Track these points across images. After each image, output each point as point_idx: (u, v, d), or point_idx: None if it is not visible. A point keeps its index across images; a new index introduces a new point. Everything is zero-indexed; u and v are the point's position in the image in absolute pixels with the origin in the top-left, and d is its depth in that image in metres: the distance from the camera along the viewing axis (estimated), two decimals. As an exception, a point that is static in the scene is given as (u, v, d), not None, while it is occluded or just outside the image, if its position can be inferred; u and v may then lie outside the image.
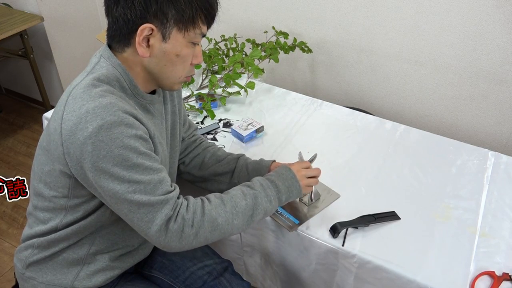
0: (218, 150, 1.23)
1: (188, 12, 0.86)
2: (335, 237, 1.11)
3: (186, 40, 0.89)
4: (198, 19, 0.88)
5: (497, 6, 1.43)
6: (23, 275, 1.03)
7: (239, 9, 1.97)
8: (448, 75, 1.65)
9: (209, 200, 0.94)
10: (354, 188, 1.25)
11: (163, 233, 0.86)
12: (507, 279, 1.01)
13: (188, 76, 0.98)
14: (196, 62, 0.96)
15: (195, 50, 0.94)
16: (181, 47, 0.90)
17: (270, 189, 1.01)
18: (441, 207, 1.19)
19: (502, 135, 1.68)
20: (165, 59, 0.91)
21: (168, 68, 0.92)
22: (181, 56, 0.91)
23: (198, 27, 0.89)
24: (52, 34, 2.44)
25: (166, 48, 0.89)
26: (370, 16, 1.67)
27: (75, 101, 0.84)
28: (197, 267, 1.16)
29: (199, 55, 0.96)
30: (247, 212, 0.96)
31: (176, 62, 0.92)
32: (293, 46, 1.80)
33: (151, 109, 0.98)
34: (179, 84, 0.98)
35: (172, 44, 0.88)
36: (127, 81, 0.91)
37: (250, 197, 0.97)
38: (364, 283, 1.12)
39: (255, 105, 1.61)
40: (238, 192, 0.98)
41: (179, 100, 1.15)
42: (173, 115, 1.11)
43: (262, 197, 0.99)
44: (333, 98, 1.98)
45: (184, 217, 0.87)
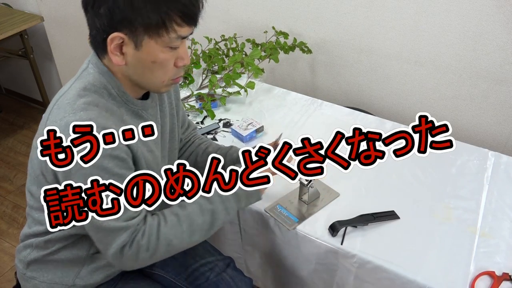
0: (209, 146, 1.21)
1: (156, 17, 0.81)
2: (334, 236, 1.11)
3: (161, 46, 0.85)
4: (172, 22, 0.83)
5: (497, 6, 1.43)
6: (25, 275, 1.04)
7: (239, 9, 1.97)
8: (448, 75, 1.65)
9: (166, 219, 0.92)
10: (353, 187, 1.25)
11: (119, 256, 0.87)
12: (507, 279, 1.01)
13: (176, 78, 0.94)
14: (181, 64, 0.91)
15: (178, 52, 0.89)
16: (157, 54, 0.85)
17: (230, 201, 0.99)
18: (441, 207, 1.19)
19: (502, 135, 1.68)
20: (142, 67, 0.87)
21: (147, 75, 0.89)
22: (159, 62, 0.87)
23: (173, 30, 0.84)
24: (52, 34, 2.44)
25: (141, 56, 0.85)
26: (370, 16, 1.67)
27: (58, 111, 0.84)
28: (199, 264, 1.16)
29: (184, 56, 0.91)
30: (205, 227, 0.96)
31: (154, 69, 0.88)
32: (293, 46, 1.80)
33: (144, 115, 0.97)
34: (166, 87, 0.94)
35: (146, 52, 0.84)
36: (115, 88, 0.90)
37: (208, 213, 0.96)
38: (364, 283, 1.12)
39: (255, 105, 1.61)
40: (196, 208, 0.96)
41: (177, 102, 1.14)
42: (172, 118, 1.10)
43: (221, 211, 0.97)
44: (333, 98, 1.98)
45: (139, 243, 0.88)
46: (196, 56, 1.72)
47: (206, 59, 1.70)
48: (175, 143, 1.12)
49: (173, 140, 1.12)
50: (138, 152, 0.90)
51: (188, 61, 0.92)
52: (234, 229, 1.32)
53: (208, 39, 1.76)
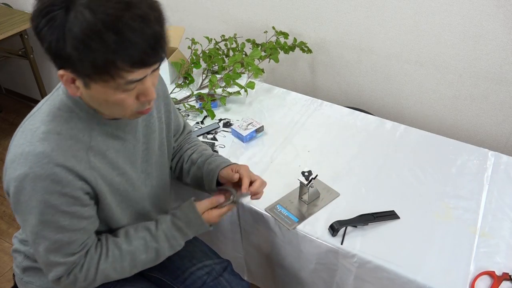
0: (195, 151, 1.19)
1: (94, 66, 0.71)
2: (334, 236, 1.11)
3: (111, 89, 0.76)
4: (118, 70, 0.72)
5: (497, 6, 1.43)
6: (22, 280, 1.07)
7: (239, 9, 1.97)
8: (448, 75, 1.65)
9: (108, 253, 0.93)
10: (354, 187, 1.25)
11: (56, 283, 0.90)
12: (507, 279, 1.01)
13: (144, 109, 0.85)
14: (144, 99, 0.82)
15: (138, 90, 0.79)
16: (107, 95, 0.78)
17: (176, 239, 1.00)
18: (441, 207, 1.19)
19: (502, 135, 1.68)
20: (97, 102, 0.82)
21: (104, 109, 0.84)
22: (112, 101, 0.79)
23: (120, 77, 0.73)
24: (52, 34, 2.44)
25: (92, 94, 0.79)
26: (370, 16, 1.67)
27: (21, 135, 0.84)
28: (196, 267, 1.16)
29: (148, 92, 0.80)
30: (148, 263, 0.99)
31: (110, 106, 0.81)
32: (293, 46, 1.80)
33: (120, 134, 0.92)
34: (132, 117, 0.87)
35: (96, 92, 0.77)
36: (83, 111, 0.85)
37: (152, 250, 0.98)
38: (364, 282, 1.12)
39: (255, 105, 1.61)
40: (141, 244, 0.96)
41: (168, 114, 1.09)
42: (161, 132, 1.06)
43: (165, 248, 0.99)
44: (333, 98, 1.98)
45: (76, 275, 0.89)
46: (196, 56, 1.72)
47: (206, 59, 1.70)
48: (164, 158, 1.09)
49: (163, 155, 1.09)
50: (99, 184, 0.87)
51: (152, 96, 0.82)
52: (234, 229, 1.31)
53: (208, 39, 1.76)
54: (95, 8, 0.68)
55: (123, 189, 0.95)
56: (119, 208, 0.97)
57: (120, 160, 0.93)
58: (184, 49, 1.79)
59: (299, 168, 1.31)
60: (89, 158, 0.85)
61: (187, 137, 1.25)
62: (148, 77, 0.78)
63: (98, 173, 0.87)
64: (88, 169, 0.85)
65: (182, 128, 1.23)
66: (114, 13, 0.68)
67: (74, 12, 0.68)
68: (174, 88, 1.68)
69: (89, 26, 0.68)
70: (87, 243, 0.91)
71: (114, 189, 0.92)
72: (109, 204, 0.92)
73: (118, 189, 0.94)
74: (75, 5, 0.69)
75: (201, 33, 1.92)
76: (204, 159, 1.15)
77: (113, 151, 0.91)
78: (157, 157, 1.06)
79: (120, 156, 0.93)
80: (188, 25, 2.10)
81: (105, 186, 0.90)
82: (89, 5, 0.68)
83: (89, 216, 0.89)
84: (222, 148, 1.42)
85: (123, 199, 0.97)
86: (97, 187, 0.87)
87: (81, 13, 0.68)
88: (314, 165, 1.33)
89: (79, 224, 0.87)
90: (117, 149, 0.92)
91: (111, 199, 0.93)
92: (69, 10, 0.69)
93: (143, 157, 1.01)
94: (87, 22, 0.68)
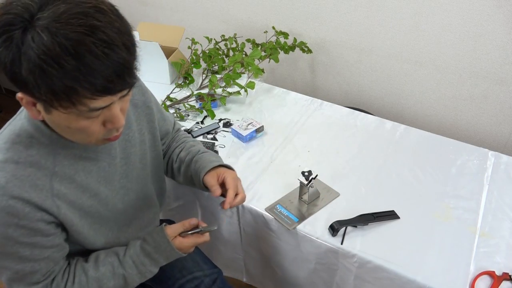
0: (183, 149, 1.15)
1: (51, 93, 0.65)
2: (334, 236, 1.11)
3: (73, 116, 0.71)
4: (79, 97, 0.66)
5: (497, 6, 1.43)
6: None
7: (239, 9, 1.97)
8: (448, 75, 1.65)
9: (74, 280, 0.90)
10: (354, 187, 1.25)
11: None
12: (507, 279, 1.01)
13: (112, 137, 0.80)
14: (112, 126, 0.76)
15: (104, 116, 0.74)
16: (69, 121, 0.72)
17: (144, 265, 0.96)
18: (441, 207, 1.19)
19: (502, 135, 1.68)
20: (59, 128, 0.77)
21: (68, 135, 0.79)
22: (75, 128, 0.74)
23: (80, 104, 0.68)
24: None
25: (53, 120, 0.73)
26: (370, 16, 1.67)
27: None
28: (186, 279, 1.15)
29: (115, 120, 0.75)
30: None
31: (73, 132, 0.76)
32: (293, 46, 1.80)
33: (90, 155, 0.87)
34: (100, 143, 0.81)
35: (57, 118, 0.72)
36: (45, 137, 0.80)
37: (119, 277, 0.93)
38: (364, 282, 1.12)
39: (255, 105, 1.61)
40: (108, 270, 0.93)
41: (152, 124, 1.04)
42: (142, 144, 1.02)
43: (133, 275, 0.95)
44: (333, 98, 1.98)
45: None
46: (196, 56, 1.72)
47: (206, 59, 1.70)
48: (146, 170, 1.05)
49: (145, 167, 1.04)
50: (62, 213, 0.83)
51: (120, 123, 0.76)
52: (234, 229, 1.31)
53: (208, 39, 1.76)
54: (55, 30, 0.63)
55: (95, 211, 0.91)
56: (92, 231, 0.92)
57: (92, 181, 0.89)
58: (184, 49, 1.79)
59: (299, 168, 1.31)
60: (53, 185, 0.81)
61: (175, 136, 1.21)
62: (115, 103, 0.73)
63: (63, 200, 0.83)
64: (50, 197, 0.80)
65: (172, 129, 1.20)
66: (75, 37, 0.63)
67: (31, 33, 0.63)
68: (174, 88, 1.68)
69: (46, 50, 0.62)
70: (53, 270, 0.87)
71: (84, 212, 0.89)
72: (79, 229, 0.88)
73: (90, 211, 0.90)
74: (34, 26, 0.64)
75: (201, 33, 1.92)
76: (191, 157, 1.11)
77: (82, 174, 0.86)
78: (139, 171, 1.02)
79: (93, 177, 0.89)
80: (188, 25, 2.10)
81: (74, 211, 0.86)
82: (49, 27, 0.63)
83: (53, 245, 0.85)
84: (222, 148, 1.42)
85: (96, 220, 0.93)
86: (60, 216, 0.82)
87: (39, 35, 0.63)
88: (314, 165, 1.33)
89: (42, 254, 0.83)
90: (88, 170, 0.88)
91: (82, 223, 0.89)
92: (26, 31, 0.64)
93: (122, 173, 0.96)
94: (44, 45, 0.62)
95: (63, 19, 0.64)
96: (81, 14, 0.65)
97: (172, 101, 1.62)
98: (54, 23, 0.63)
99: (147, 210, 1.09)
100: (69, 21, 0.64)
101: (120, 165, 0.95)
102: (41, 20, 0.64)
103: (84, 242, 0.92)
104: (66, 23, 0.63)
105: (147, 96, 1.03)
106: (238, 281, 1.52)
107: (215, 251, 1.43)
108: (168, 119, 1.18)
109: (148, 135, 1.04)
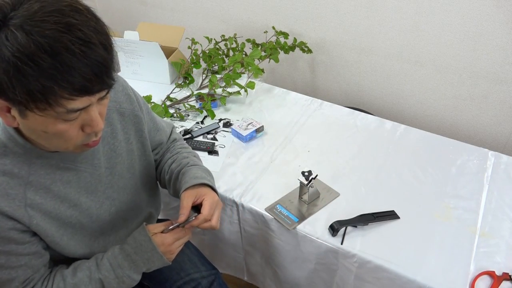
0: (175, 160, 1.10)
1: (27, 93, 0.63)
2: (334, 236, 1.11)
3: (50, 118, 0.68)
4: (57, 97, 0.64)
5: (497, 6, 1.43)
6: None
7: (239, 9, 1.97)
8: (448, 75, 1.65)
9: (52, 286, 0.87)
10: (354, 187, 1.25)
11: None
12: (507, 279, 1.01)
13: (89, 142, 0.78)
14: (90, 131, 0.74)
15: (82, 119, 0.72)
16: (46, 125, 0.70)
17: (122, 268, 0.90)
18: (441, 207, 1.19)
19: (502, 135, 1.68)
20: (35, 134, 0.74)
21: (44, 142, 0.76)
22: (52, 133, 0.71)
23: (57, 105, 0.65)
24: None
25: (28, 125, 0.71)
26: (370, 16, 1.67)
27: None
28: (183, 281, 1.14)
29: (93, 123, 0.73)
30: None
31: (50, 137, 0.73)
32: (293, 46, 1.80)
33: (69, 165, 0.85)
34: (77, 150, 0.79)
35: (33, 122, 0.69)
36: (18, 146, 0.78)
37: (95, 282, 0.89)
38: (364, 282, 1.12)
39: (255, 105, 1.61)
40: (85, 275, 0.89)
41: (141, 133, 1.01)
42: (130, 153, 0.99)
43: (110, 280, 0.89)
44: (333, 98, 1.98)
45: None
46: (196, 56, 1.72)
47: (206, 59, 1.70)
48: (136, 180, 1.03)
49: (133, 177, 1.01)
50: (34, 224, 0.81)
51: (99, 127, 0.74)
52: (234, 229, 1.31)
53: (208, 39, 1.76)
54: (29, 29, 0.61)
55: (76, 221, 0.89)
56: (73, 241, 0.90)
57: (72, 192, 0.87)
58: (184, 49, 1.79)
59: (299, 168, 1.31)
60: (26, 195, 0.79)
61: (171, 146, 1.16)
62: (93, 106, 0.71)
63: (37, 210, 0.81)
64: (23, 207, 0.79)
65: (167, 138, 1.16)
66: (51, 35, 0.61)
67: (4, 32, 0.62)
68: (174, 88, 1.68)
69: (22, 49, 0.61)
70: (32, 278, 0.85)
71: (63, 223, 0.87)
72: (56, 240, 0.86)
73: (70, 222, 0.88)
74: (7, 26, 0.62)
75: (201, 33, 1.92)
76: (180, 169, 1.05)
77: (60, 184, 0.84)
78: (126, 181, 0.99)
79: (72, 187, 0.87)
80: (188, 25, 2.10)
81: (50, 221, 0.84)
82: (23, 26, 0.61)
83: (30, 252, 0.83)
84: (222, 148, 1.42)
85: (77, 231, 0.91)
86: (32, 226, 0.80)
87: (13, 33, 0.61)
88: (314, 165, 1.33)
89: (18, 261, 0.82)
90: (67, 180, 0.85)
91: (60, 234, 0.87)
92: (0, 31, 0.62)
93: (107, 183, 0.94)
94: (19, 45, 0.61)
95: (38, 17, 0.62)
96: (56, 12, 0.63)
97: (172, 101, 1.62)
98: (29, 21, 0.62)
99: (136, 219, 1.07)
100: (44, 19, 0.62)
101: (105, 175, 0.93)
102: (15, 19, 0.62)
103: (62, 251, 0.90)
104: (41, 21, 0.62)
105: (135, 105, 1.00)
106: (238, 280, 1.52)
107: (216, 250, 1.43)
108: (162, 129, 1.13)
109: (137, 144, 1.01)
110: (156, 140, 1.10)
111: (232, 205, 1.26)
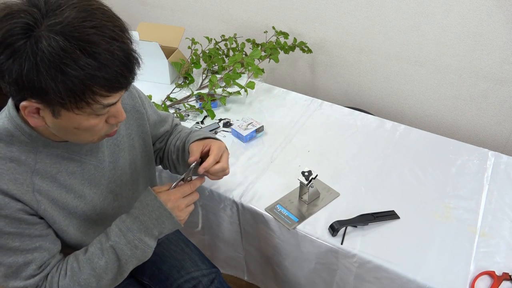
0: (178, 138, 1.12)
1: (71, 94, 0.68)
2: (333, 236, 1.11)
3: (84, 115, 0.74)
4: (95, 95, 0.71)
5: (497, 6, 1.43)
6: None
7: (239, 9, 1.97)
8: (448, 75, 1.65)
9: (66, 269, 0.87)
10: (354, 187, 1.25)
11: None
12: (507, 279, 1.01)
13: (112, 132, 0.84)
14: (114, 122, 0.81)
15: (109, 113, 0.78)
16: (79, 122, 0.75)
17: (132, 231, 0.87)
18: (441, 207, 1.19)
19: (502, 135, 1.68)
20: (64, 131, 0.78)
21: (71, 137, 0.81)
22: (84, 128, 0.76)
23: (96, 102, 0.72)
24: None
25: (61, 123, 0.75)
26: (370, 16, 1.67)
27: None
28: (183, 279, 1.14)
29: (119, 114, 0.80)
30: (112, 268, 0.87)
31: (79, 133, 0.78)
32: (293, 46, 1.80)
33: (74, 156, 0.88)
34: (100, 140, 0.85)
35: (66, 120, 0.74)
36: (25, 135, 0.81)
37: (107, 252, 0.87)
38: (364, 282, 1.12)
39: (255, 105, 1.61)
40: (96, 248, 0.87)
41: (142, 129, 1.04)
42: (132, 149, 1.02)
43: (122, 246, 0.87)
44: (333, 98, 1.98)
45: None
46: (196, 56, 1.72)
47: (206, 59, 1.70)
48: (137, 176, 1.05)
49: (135, 173, 1.04)
50: (42, 209, 0.83)
51: (123, 117, 0.81)
52: (234, 228, 1.32)
53: (208, 39, 1.77)
54: (70, 34, 0.66)
55: (82, 213, 0.91)
56: (79, 232, 0.92)
57: (76, 182, 0.89)
58: (184, 49, 1.79)
59: (299, 168, 1.31)
60: (33, 181, 0.82)
61: (173, 130, 1.19)
62: (120, 99, 0.77)
63: (45, 196, 0.83)
64: (31, 192, 0.81)
65: (168, 127, 1.17)
66: (91, 39, 0.67)
67: (42, 39, 0.65)
68: (174, 88, 1.68)
69: (66, 54, 0.65)
70: (48, 263, 0.86)
71: (69, 212, 0.88)
72: (63, 228, 0.88)
73: (75, 212, 0.90)
74: (40, 33, 0.65)
75: (201, 33, 1.92)
76: (185, 140, 1.07)
77: (65, 174, 0.86)
78: (128, 176, 1.01)
79: (77, 178, 0.89)
80: (188, 25, 2.10)
81: (57, 209, 0.86)
82: (64, 31, 0.66)
83: (42, 234, 0.84)
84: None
85: (83, 222, 0.92)
86: (39, 211, 0.83)
87: (53, 39, 0.65)
88: (314, 165, 1.33)
89: (32, 243, 0.83)
90: (72, 171, 0.88)
91: (67, 223, 0.89)
92: (35, 39, 0.65)
93: (111, 177, 0.96)
94: (62, 50, 0.65)
95: (76, 23, 0.67)
96: (90, 16, 0.68)
97: (172, 101, 1.62)
98: (68, 27, 0.66)
99: None
100: (81, 24, 0.67)
101: (108, 169, 0.95)
102: (52, 26, 0.66)
103: (70, 241, 0.91)
104: (79, 26, 0.66)
105: (136, 101, 1.02)
106: (239, 280, 1.52)
107: (216, 250, 1.43)
108: (165, 119, 1.16)
109: (139, 140, 1.04)
110: (162, 131, 1.14)
111: (232, 205, 1.26)
